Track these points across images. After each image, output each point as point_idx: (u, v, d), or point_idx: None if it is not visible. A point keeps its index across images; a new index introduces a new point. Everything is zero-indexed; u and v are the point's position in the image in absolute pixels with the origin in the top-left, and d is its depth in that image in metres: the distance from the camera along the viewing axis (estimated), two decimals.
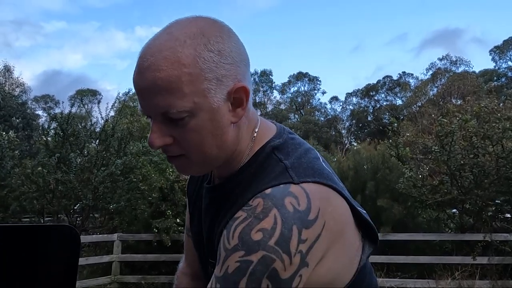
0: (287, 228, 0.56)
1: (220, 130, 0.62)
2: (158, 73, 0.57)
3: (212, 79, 0.60)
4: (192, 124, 0.60)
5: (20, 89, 24.67)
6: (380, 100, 36.70)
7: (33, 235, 0.67)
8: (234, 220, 0.60)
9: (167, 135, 0.61)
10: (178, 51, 0.58)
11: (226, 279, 0.57)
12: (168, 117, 0.60)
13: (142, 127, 15.27)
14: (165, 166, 7.07)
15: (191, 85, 0.58)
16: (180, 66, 0.58)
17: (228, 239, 0.58)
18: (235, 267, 0.56)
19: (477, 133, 5.82)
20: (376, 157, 7.17)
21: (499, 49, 34.28)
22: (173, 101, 0.58)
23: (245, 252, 0.56)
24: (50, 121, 7.26)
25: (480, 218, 6.01)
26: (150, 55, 0.59)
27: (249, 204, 0.60)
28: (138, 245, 6.56)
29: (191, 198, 0.86)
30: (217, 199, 0.70)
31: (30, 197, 6.04)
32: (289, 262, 0.55)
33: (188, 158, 0.63)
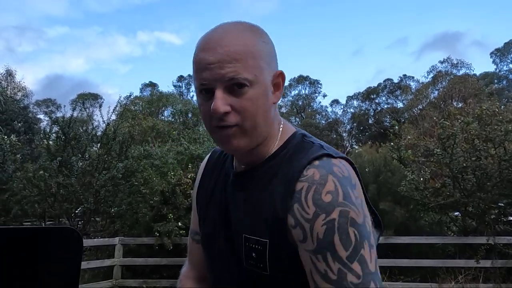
0: (344, 188, 0.67)
1: (267, 105, 0.74)
2: (228, 48, 0.69)
3: (265, 60, 0.73)
4: (250, 94, 0.70)
5: (22, 93, 24.75)
6: (381, 103, 36.70)
7: (36, 237, 0.67)
8: (299, 192, 0.68)
9: (227, 104, 0.70)
10: (242, 35, 0.71)
11: (322, 245, 0.64)
12: (231, 86, 0.69)
13: (143, 131, 15.29)
14: (166, 169, 7.07)
15: (253, 60, 0.70)
16: (245, 45, 0.70)
17: (304, 210, 0.67)
18: (324, 230, 0.64)
19: (479, 135, 5.80)
20: (377, 160, 7.16)
21: (500, 52, 34.31)
22: (240, 71, 0.69)
23: (325, 214, 0.65)
24: (52, 125, 7.27)
25: (483, 221, 5.98)
26: (218, 37, 0.71)
27: (304, 175, 0.69)
28: (140, 248, 6.54)
29: (202, 201, 0.90)
30: (258, 178, 0.77)
31: (32, 200, 6.04)
32: (357, 210, 0.66)
33: (241, 127, 0.72)
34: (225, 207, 0.82)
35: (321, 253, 0.64)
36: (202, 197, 0.91)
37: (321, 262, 0.64)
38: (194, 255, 0.96)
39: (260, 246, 0.72)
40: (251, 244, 0.74)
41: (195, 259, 0.96)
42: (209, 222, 0.86)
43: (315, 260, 0.65)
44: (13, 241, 0.64)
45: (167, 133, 14.68)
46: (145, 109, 22.94)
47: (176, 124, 18.75)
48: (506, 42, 33.99)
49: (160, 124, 16.80)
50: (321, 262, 0.64)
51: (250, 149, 0.75)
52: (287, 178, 0.71)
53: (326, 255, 0.64)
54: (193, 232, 0.97)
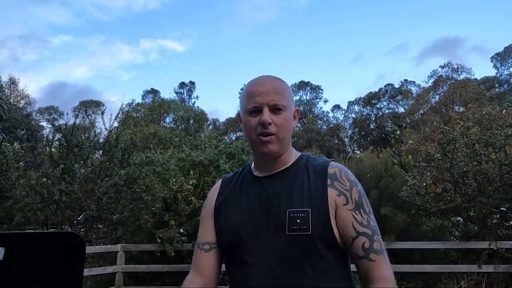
0: (353, 175, 1.11)
1: (291, 126, 1.10)
2: (275, 84, 1.10)
3: (291, 98, 1.13)
4: (284, 115, 1.07)
5: (25, 101, 24.91)
6: (382, 108, 36.68)
7: (40, 242, 0.68)
8: (334, 174, 1.07)
9: (270, 118, 1.05)
10: (279, 81, 1.12)
11: (358, 204, 1.04)
12: (274, 108, 1.05)
13: (145, 138, 15.35)
14: (168, 176, 7.09)
15: (286, 95, 1.09)
16: (281, 86, 1.10)
17: (344, 184, 1.06)
18: (358, 195, 1.05)
19: (480, 140, 5.81)
20: (378, 165, 7.16)
21: (500, 56, 34.33)
22: (279, 99, 1.06)
23: (356, 187, 1.07)
24: (55, 132, 7.32)
25: (485, 226, 5.96)
26: (268, 77, 1.12)
27: (332, 165, 1.09)
28: (142, 255, 6.54)
29: (230, 205, 1.11)
30: (290, 175, 1.09)
31: (35, 208, 6.06)
32: (363, 188, 1.10)
33: (277, 136, 1.05)
34: (261, 200, 1.07)
35: (358, 210, 1.03)
36: (224, 202, 1.13)
37: (358, 215, 1.03)
38: (201, 265, 1.10)
39: (304, 214, 1.00)
40: (295, 214, 1.01)
41: (202, 268, 1.09)
42: (239, 218, 1.07)
43: (355, 214, 1.02)
44: (17, 246, 0.66)
45: (169, 139, 14.73)
46: (146, 116, 23.02)
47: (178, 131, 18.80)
48: (507, 47, 34.04)
49: (162, 131, 16.86)
50: (359, 215, 1.03)
51: (277, 156, 1.09)
52: (317, 169, 1.08)
53: (360, 211, 1.03)
54: (201, 243, 1.12)
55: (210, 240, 1.10)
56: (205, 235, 1.12)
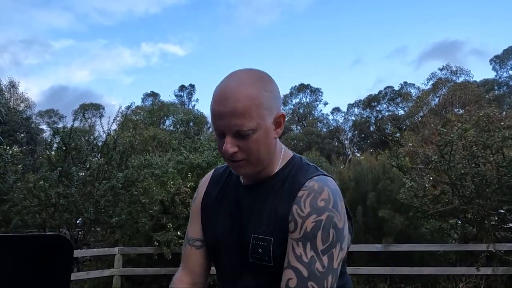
0: (335, 198, 0.88)
1: (269, 141, 0.92)
2: (237, 103, 0.85)
3: (267, 108, 0.89)
4: (254, 138, 0.88)
5: (24, 104, 24.96)
6: (382, 110, 36.69)
7: (27, 245, 0.68)
8: (300, 197, 0.88)
9: (235, 146, 0.89)
10: (248, 90, 0.87)
11: (306, 236, 0.84)
12: (239, 133, 0.87)
13: (144, 140, 15.36)
14: (166, 179, 7.09)
15: (256, 111, 0.87)
16: (251, 99, 0.86)
17: (301, 209, 0.87)
18: (312, 226, 0.84)
19: (477, 142, 5.81)
20: (377, 168, 7.15)
21: (499, 59, 34.40)
22: (245, 122, 0.86)
23: (317, 215, 0.85)
24: (53, 135, 7.33)
25: (483, 228, 5.95)
26: (230, 91, 0.87)
27: (306, 185, 0.90)
28: (139, 258, 6.53)
29: (208, 209, 1.05)
30: (267, 189, 0.96)
31: (32, 211, 6.06)
32: (340, 218, 0.87)
33: (247, 161, 0.91)
34: (235, 213, 0.99)
35: (303, 241, 0.84)
36: (208, 205, 1.06)
37: (299, 248, 0.84)
38: (191, 261, 1.05)
39: (266, 243, 0.90)
40: (258, 241, 0.91)
41: (192, 265, 1.04)
42: (219, 227, 1.01)
43: (295, 246, 0.85)
44: (3, 249, 0.67)
45: (168, 142, 14.74)
46: (146, 119, 23.05)
47: (177, 134, 18.81)
48: (505, 49, 34.12)
49: (161, 134, 16.87)
50: (300, 248, 0.84)
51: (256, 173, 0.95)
52: (292, 189, 0.91)
53: (306, 244, 0.84)
54: (191, 239, 1.06)
55: (201, 237, 1.05)
56: (196, 231, 1.06)
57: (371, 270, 5.69)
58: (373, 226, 6.43)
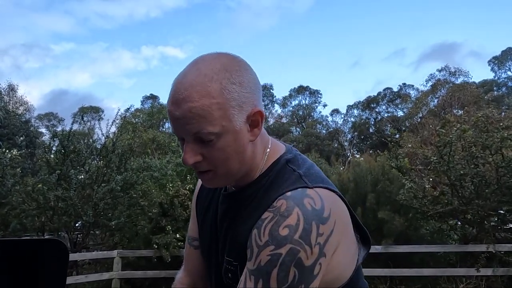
0: (308, 223, 0.67)
1: (241, 147, 0.74)
2: (192, 104, 0.68)
3: (235, 106, 0.71)
4: (219, 144, 0.71)
5: (23, 108, 24.96)
6: (381, 112, 36.75)
7: (22, 249, 0.67)
8: (262, 220, 0.70)
9: (197, 154, 0.72)
10: (208, 86, 0.69)
11: (259, 271, 0.67)
12: (199, 138, 0.71)
13: (143, 143, 15.36)
14: (165, 181, 7.08)
15: (219, 111, 0.69)
16: (210, 98, 0.69)
17: (260, 237, 0.69)
18: (267, 260, 0.67)
19: (476, 142, 5.81)
20: (376, 169, 7.15)
21: (497, 60, 34.49)
22: (205, 126, 0.69)
23: (275, 246, 0.66)
24: (52, 138, 7.32)
25: (482, 229, 5.94)
26: (184, 89, 0.70)
27: (273, 206, 0.71)
28: (139, 261, 6.51)
29: (201, 209, 0.94)
30: (238, 203, 0.81)
31: (31, 214, 6.05)
32: (310, 252, 0.66)
33: (215, 173, 0.74)
34: (216, 225, 0.87)
35: (256, 276, 0.68)
36: (200, 206, 0.95)
37: (251, 282, 0.68)
38: (190, 261, 0.98)
39: (234, 267, 0.77)
40: (228, 265, 0.79)
41: (191, 265, 0.98)
42: (205, 234, 0.91)
43: (247, 278, 0.69)
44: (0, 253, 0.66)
45: (167, 145, 14.73)
46: (145, 122, 23.05)
47: None
48: (504, 50, 34.23)
49: (161, 136, 16.87)
50: (251, 282, 0.68)
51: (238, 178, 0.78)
52: (260, 208, 0.74)
53: (259, 280, 0.67)
54: (190, 238, 0.99)
55: (197, 236, 0.97)
56: (194, 230, 0.97)
57: (371, 271, 5.67)
58: (372, 228, 6.41)
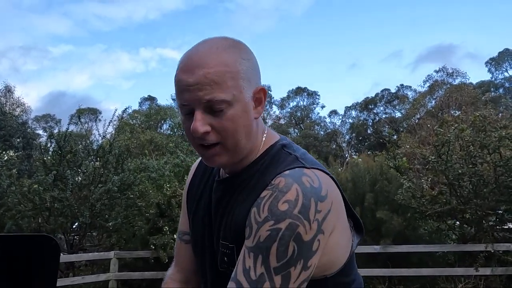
0: (307, 199, 0.67)
1: (249, 121, 0.75)
2: (207, 69, 0.70)
3: (245, 78, 0.73)
4: (229, 114, 0.72)
5: (20, 109, 24.87)
6: (379, 113, 36.83)
7: (14, 245, 0.66)
8: (261, 198, 0.71)
9: (207, 124, 0.72)
10: (222, 55, 0.72)
11: (259, 247, 0.67)
12: (210, 108, 0.71)
13: (141, 144, 15.32)
14: (162, 182, 7.04)
15: (232, 81, 0.71)
16: (224, 66, 0.71)
17: (259, 213, 0.69)
18: (267, 235, 0.67)
19: (474, 142, 5.81)
20: (374, 169, 7.14)
21: (494, 61, 34.65)
22: (218, 93, 0.70)
23: (274, 221, 0.66)
24: (49, 139, 7.28)
25: (481, 228, 5.93)
26: (198, 57, 0.72)
27: (272, 184, 0.71)
28: (136, 262, 6.47)
29: (192, 201, 0.93)
30: (233, 188, 0.81)
31: (27, 215, 6.00)
32: (309, 227, 0.67)
33: (223, 146, 0.74)
34: (209, 213, 0.85)
35: (254, 252, 0.67)
36: (191, 198, 0.94)
37: (250, 259, 0.67)
38: (181, 256, 0.97)
39: (229, 250, 0.76)
40: (223, 249, 0.78)
41: (182, 260, 0.97)
42: (197, 225, 0.89)
43: (246, 255, 0.68)
44: None
45: (165, 146, 14.70)
46: (143, 123, 23.01)
47: (175, 137, 18.76)
48: (501, 51, 34.38)
49: (158, 137, 16.84)
50: (250, 259, 0.67)
51: (241, 157, 0.78)
52: (257, 187, 0.74)
53: (258, 256, 0.67)
54: (181, 233, 0.98)
55: (189, 230, 0.95)
56: (184, 224, 0.96)
57: (370, 271, 5.65)
58: (371, 228, 6.39)
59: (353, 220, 0.83)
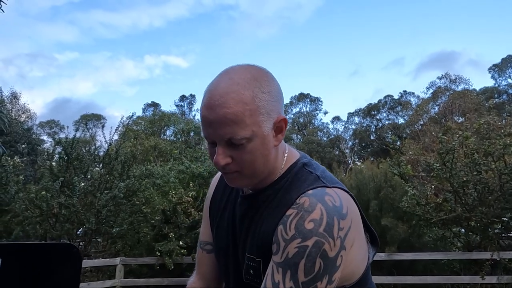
0: (330, 218, 0.73)
1: (267, 151, 0.80)
2: (227, 109, 0.74)
3: (264, 113, 0.77)
4: (249, 148, 0.77)
5: (26, 115, 25.07)
6: (382, 119, 36.80)
7: (37, 253, 0.69)
8: (287, 217, 0.76)
9: (228, 156, 0.78)
10: (241, 93, 0.75)
11: (287, 263, 0.72)
12: (231, 142, 0.76)
13: (145, 150, 15.38)
14: (167, 188, 7.08)
15: (251, 118, 0.76)
16: (243, 104, 0.75)
17: (286, 231, 0.74)
18: (295, 252, 0.72)
19: (479, 149, 5.82)
20: (378, 176, 7.15)
21: (498, 67, 34.62)
22: (237, 130, 0.75)
23: (302, 239, 0.72)
24: (55, 146, 7.35)
25: (486, 236, 5.92)
26: (219, 95, 0.76)
27: (296, 203, 0.76)
28: (141, 269, 6.48)
29: (216, 212, 0.98)
30: (258, 203, 0.86)
31: (34, 221, 6.04)
32: (333, 244, 0.72)
33: (241, 173, 0.80)
34: (233, 226, 0.91)
35: (283, 267, 0.72)
36: (215, 209, 0.98)
37: (279, 274, 0.73)
38: (203, 266, 1.01)
39: (256, 264, 0.81)
40: (250, 262, 0.83)
41: (204, 270, 1.01)
42: (221, 236, 0.94)
43: (275, 270, 0.73)
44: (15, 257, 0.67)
45: (169, 152, 14.75)
46: (147, 129, 23.10)
47: (178, 143, 18.82)
48: (504, 58, 34.38)
49: (162, 144, 16.91)
50: (279, 274, 0.73)
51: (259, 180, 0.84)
52: (281, 205, 0.79)
53: (287, 272, 0.72)
54: (202, 243, 1.02)
55: (211, 240, 1.00)
56: (206, 234, 1.01)
57: (375, 279, 5.55)
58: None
59: (368, 233, 0.89)
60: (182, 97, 39.78)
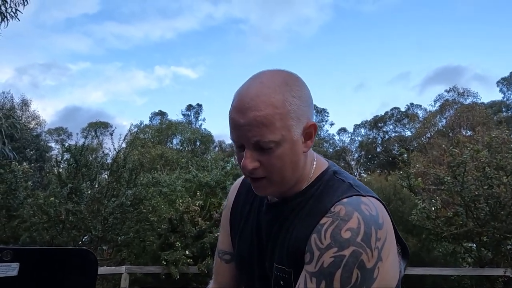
0: (368, 227, 0.70)
1: (296, 157, 0.78)
2: (257, 112, 0.73)
3: (294, 118, 0.76)
4: (278, 152, 0.75)
5: (35, 122, 25.40)
6: (388, 131, 36.63)
7: (54, 258, 0.70)
8: (321, 225, 0.73)
9: (256, 160, 0.76)
10: (272, 97, 0.74)
11: (322, 272, 0.69)
12: (260, 146, 0.74)
13: (152, 159, 15.44)
14: (174, 197, 7.07)
15: (281, 122, 0.74)
16: (274, 108, 0.73)
17: (320, 240, 0.71)
18: (330, 262, 0.69)
19: (490, 163, 5.74)
20: (387, 188, 7.08)
21: (506, 81, 34.43)
22: (266, 134, 0.73)
23: (338, 248, 0.69)
24: (63, 153, 7.40)
25: (499, 252, 5.78)
26: (250, 99, 0.74)
27: (331, 211, 0.74)
28: (146, 278, 6.42)
29: (238, 221, 0.95)
30: (287, 211, 0.83)
31: (41, 228, 6.05)
32: (371, 255, 0.69)
33: (269, 180, 0.78)
34: (258, 234, 0.88)
35: (318, 277, 0.69)
36: (236, 217, 0.96)
37: (312, 284, 0.70)
38: (220, 275, 0.99)
39: (286, 275, 0.78)
40: (279, 272, 0.80)
41: (222, 280, 0.99)
42: (244, 245, 0.91)
43: (308, 280, 0.70)
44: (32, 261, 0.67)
45: (176, 161, 14.79)
46: (154, 137, 23.25)
47: (185, 152, 18.88)
48: None
49: (169, 152, 16.98)
50: (313, 284, 0.70)
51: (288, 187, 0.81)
52: (315, 214, 0.76)
53: (321, 282, 0.69)
54: (221, 252, 1.00)
55: (230, 249, 0.98)
56: (225, 243, 0.99)
57: None
58: None
59: (400, 245, 0.85)
60: (189, 106, 40.06)
